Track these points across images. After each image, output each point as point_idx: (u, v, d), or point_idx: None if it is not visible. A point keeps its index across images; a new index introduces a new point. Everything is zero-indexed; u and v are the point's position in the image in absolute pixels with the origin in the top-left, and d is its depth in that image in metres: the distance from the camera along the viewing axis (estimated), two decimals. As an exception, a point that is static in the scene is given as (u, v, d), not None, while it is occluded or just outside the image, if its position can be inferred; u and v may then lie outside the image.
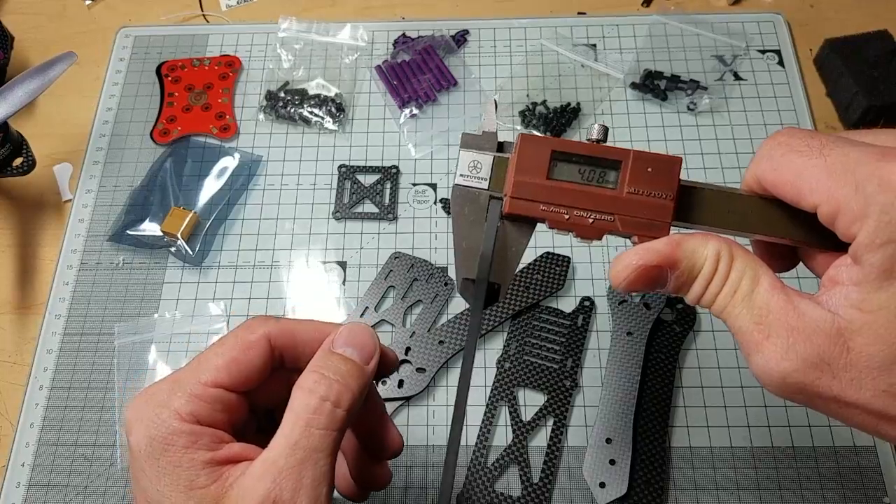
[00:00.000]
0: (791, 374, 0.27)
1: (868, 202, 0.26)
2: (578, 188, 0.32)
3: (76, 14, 0.75)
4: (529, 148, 0.32)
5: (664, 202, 0.31)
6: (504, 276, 0.33)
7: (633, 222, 0.32)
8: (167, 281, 0.59)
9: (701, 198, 0.32)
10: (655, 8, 0.72)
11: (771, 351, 0.27)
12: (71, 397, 0.54)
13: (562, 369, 0.53)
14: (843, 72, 0.63)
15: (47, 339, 0.57)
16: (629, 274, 0.30)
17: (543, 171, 0.32)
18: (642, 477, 0.49)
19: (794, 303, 0.27)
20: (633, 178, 0.32)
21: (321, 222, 0.61)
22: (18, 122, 0.66)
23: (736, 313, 0.29)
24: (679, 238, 0.30)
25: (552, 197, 0.32)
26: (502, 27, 0.70)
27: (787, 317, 0.27)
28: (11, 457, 0.52)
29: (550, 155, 0.32)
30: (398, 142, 0.64)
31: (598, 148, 0.32)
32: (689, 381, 0.53)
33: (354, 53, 0.69)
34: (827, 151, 0.27)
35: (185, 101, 0.67)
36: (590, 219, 0.32)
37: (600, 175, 0.32)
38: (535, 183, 0.32)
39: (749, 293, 0.28)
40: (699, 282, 0.30)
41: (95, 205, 0.63)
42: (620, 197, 0.32)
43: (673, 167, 0.31)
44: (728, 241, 0.30)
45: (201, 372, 0.32)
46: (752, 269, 0.29)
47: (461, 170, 0.34)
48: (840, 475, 0.49)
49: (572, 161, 0.32)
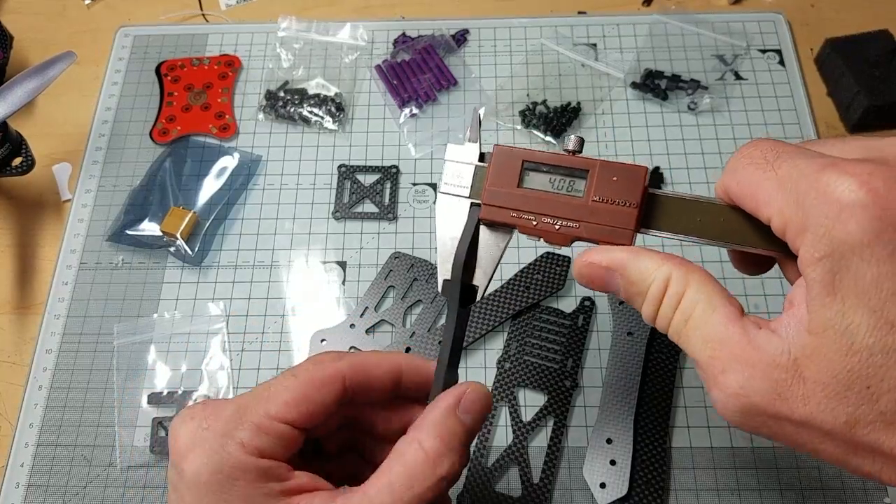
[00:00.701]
0: (748, 410, 0.26)
1: (806, 215, 0.25)
2: (547, 196, 0.34)
3: (75, 13, 0.75)
4: (503, 158, 0.35)
5: (628, 210, 0.32)
6: (482, 278, 0.36)
7: (597, 229, 0.33)
8: (166, 281, 0.59)
9: (667, 206, 0.33)
10: (656, 7, 0.71)
11: (727, 386, 0.26)
12: (70, 397, 0.54)
13: (562, 369, 0.53)
14: (844, 71, 0.62)
15: (46, 339, 0.57)
16: (582, 268, 0.32)
17: (515, 180, 0.34)
18: (643, 477, 0.49)
19: (749, 335, 0.26)
20: (599, 187, 0.33)
21: (321, 222, 0.61)
22: (18, 121, 0.66)
23: (692, 344, 0.28)
24: (638, 250, 0.31)
25: (522, 204, 0.34)
26: (502, 26, 0.70)
27: (743, 350, 0.26)
28: (11, 457, 0.52)
29: (521, 165, 0.34)
30: (398, 141, 0.64)
31: (565, 158, 0.34)
32: (689, 382, 0.53)
33: (354, 53, 0.69)
34: (778, 164, 0.27)
35: (185, 101, 0.67)
36: (556, 225, 0.34)
37: (569, 184, 0.34)
38: (506, 191, 0.34)
39: (702, 324, 0.28)
40: (648, 301, 0.30)
41: (95, 204, 0.62)
42: (586, 205, 0.33)
43: (638, 176, 0.32)
44: (687, 268, 0.29)
45: (270, 404, 0.31)
46: (706, 298, 0.28)
47: (445, 178, 0.36)
48: (841, 475, 0.49)
49: (542, 171, 0.34)
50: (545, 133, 0.63)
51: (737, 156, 0.29)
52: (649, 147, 0.62)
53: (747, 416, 0.26)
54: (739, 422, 0.27)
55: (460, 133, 0.64)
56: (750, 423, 0.27)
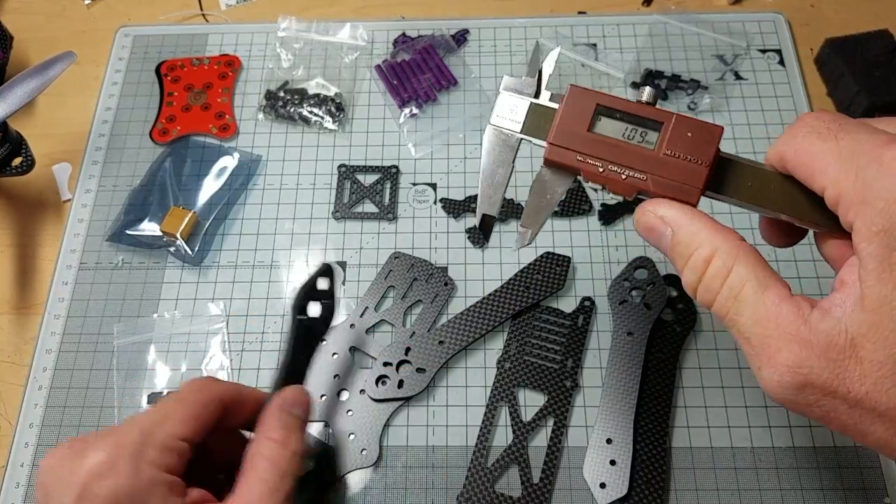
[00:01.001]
0: (803, 388, 0.26)
1: (865, 188, 0.25)
2: (617, 143, 0.33)
3: (75, 13, 0.75)
4: (576, 99, 0.33)
5: (698, 167, 0.31)
6: (535, 223, 0.35)
7: (665, 183, 0.32)
8: (166, 281, 0.59)
9: (735, 170, 0.32)
10: (656, 7, 0.71)
11: (783, 364, 0.26)
12: (70, 398, 0.54)
13: (562, 369, 0.53)
14: (844, 71, 0.62)
15: (46, 339, 0.57)
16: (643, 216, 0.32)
17: (586, 123, 0.33)
18: (643, 477, 0.49)
19: (804, 315, 0.26)
20: (672, 141, 0.32)
21: (321, 222, 0.61)
22: (17, 121, 0.66)
23: (742, 321, 0.28)
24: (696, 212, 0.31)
25: (590, 149, 0.33)
26: (502, 26, 0.70)
27: (798, 330, 0.26)
28: (10, 457, 0.52)
29: (595, 108, 0.33)
30: (398, 141, 0.64)
31: (641, 107, 0.33)
32: (689, 382, 0.53)
33: (354, 53, 0.69)
34: (842, 135, 0.27)
35: (185, 101, 0.67)
36: (623, 175, 0.32)
37: (641, 134, 0.33)
38: (575, 133, 0.33)
39: (753, 302, 0.27)
40: (690, 267, 0.30)
41: (94, 204, 0.62)
42: (656, 157, 0.32)
43: (713, 135, 0.32)
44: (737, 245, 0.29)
45: (170, 425, 0.33)
46: (756, 276, 0.28)
47: (497, 111, 0.35)
48: (841, 475, 0.49)
49: (615, 117, 0.33)
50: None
51: (796, 124, 0.29)
52: (649, 147, 0.62)
53: (801, 395, 0.26)
54: (792, 400, 0.27)
55: (460, 132, 0.64)
56: (802, 402, 0.27)
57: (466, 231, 0.60)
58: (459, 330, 0.54)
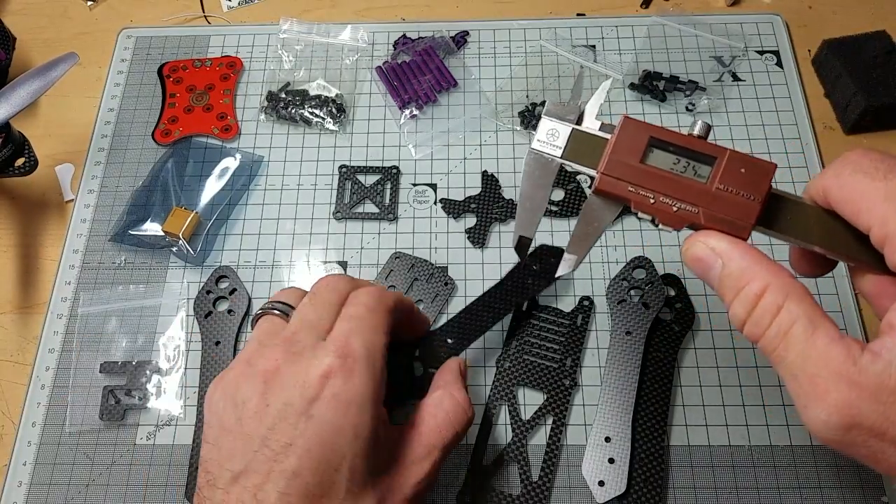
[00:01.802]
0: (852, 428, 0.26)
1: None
2: (669, 176, 0.33)
3: (78, 15, 0.75)
4: (629, 130, 0.34)
5: (751, 203, 0.32)
6: (581, 250, 0.35)
7: (717, 218, 0.32)
8: (168, 280, 0.59)
9: (783, 206, 0.32)
10: (654, 9, 0.72)
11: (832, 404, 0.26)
12: (73, 397, 0.55)
13: (561, 368, 0.53)
14: (842, 72, 0.63)
15: (49, 338, 0.57)
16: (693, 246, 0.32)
17: (638, 155, 0.33)
18: (641, 475, 0.49)
19: (853, 357, 0.27)
20: (726, 175, 0.32)
21: (322, 222, 0.61)
22: (20, 122, 0.66)
23: (790, 359, 0.28)
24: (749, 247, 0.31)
25: (642, 180, 0.33)
26: (502, 28, 0.70)
27: (848, 371, 0.26)
28: (13, 456, 0.53)
29: (648, 140, 0.33)
30: (398, 142, 0.65)
31: (694, 141, 0.33)
32: (687, 380, 0.53)
33: (355, 54, 0.69)
34: (892, 176, 0.27)
35: (187, 102, 0.67)
36: (674, 207, 0.33)
37: (693, 168, 0.33)
38: (628, 164, 0.33)
39: (804, 340, 0.28)
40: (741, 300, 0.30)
41: (97, 205, 0.63)
42: (709, 191, 0.32)
43: (767, 172, 0.32)
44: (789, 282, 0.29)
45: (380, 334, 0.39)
46: (807, 315, 0.28)
47: (539, 135, 0.36)
48: (838, 474, 0.49)
49: (668, 150, 0.33)
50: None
51: (843, 160, 0.30)
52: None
53: (848, 436, 0.26)
54: (838, 440, 0.27)
55: (461, 134, 0.65)
56: (849, 442, 0.27)
57: (466, 231, 0.60)
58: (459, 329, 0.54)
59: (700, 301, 0.55)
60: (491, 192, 0.61)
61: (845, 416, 0.26)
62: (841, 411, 0.26)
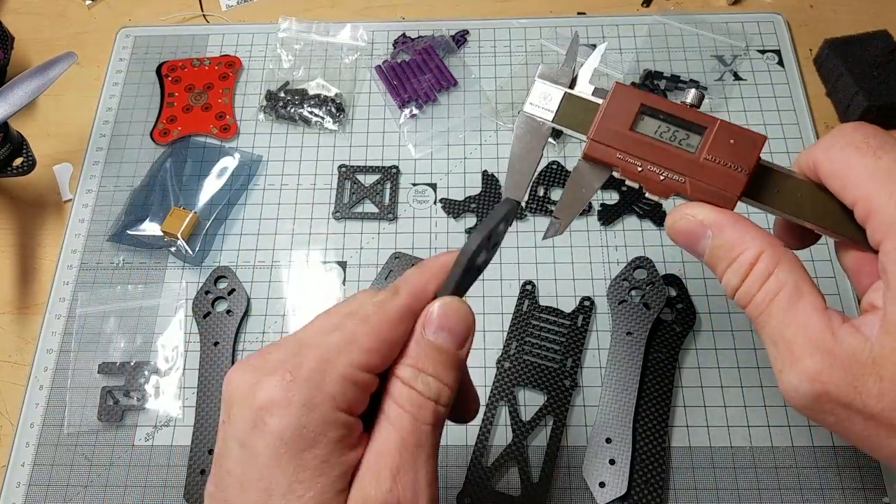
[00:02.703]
0: (821, 396, 0.26)
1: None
2: (658, 144, 0.33)
3: (76, 14, 0.75)
4: (620, 97, 0.33)
5: (738, 175, 0.32)
6: (568, 215, 0.35)
7: (703, 188, 0.32)
8: (167, 281, 0.59)
9: (771, 178, 0.32)
10: (655, 8, 0.72)
11: (805, 371, 0.27)
12: (71, 397, 0.54)
13: (561, 369, 0.53)
14: (843, 72, 0.63)
15: (47, 338, 0.57)
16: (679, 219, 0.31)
17: (628, 122, 0.33)
18: (642, 477, 0.49)
19: (833, 326, 0.27)
20: (714, 146, 0.32)
21: (321, 222, 0.61)
22: (18, 122, 0.66)
23: (772, 324, 0.28)
24: (738, 216, 0.30)
25: (630, 147, 0.33)
26: (502, 27, 0.70)
27: (826, 340, 0.27)
28: (11, 456, 0.52)
29: (639, 107, 0.33)
30: (398, 142, 0.64)
31: (685, 109, 0.33)
32: (688, 381, 0.53)
33: (354, 53, 0.69)
34: (881, 153, 0.27)
35: (186, 101, 0.67)
36: (661, 175, 0.33)
37: (683, 137, 0.33)
38: (617, 131, 0.33)
39: (787, 307, 0.28)
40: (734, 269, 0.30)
41: (95, 205, 0.63)
42: (697, 161, 0.32)
43: (756, 143, 0.32)
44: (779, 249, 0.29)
45: (352, 353, 0.27)
46: (795, 282, 0.28)
47: (532, 98, 0.35)
48: (840, 475, 0.49)
49: (658, 118, 0.33)
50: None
51: (835, 133, 0.29)
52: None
53: (818, 403, 0.27)
54: (809, 407, 0.27)
55: (461, 133, 0.64)
56: (819, 410, 0.27)
57: (466, 231, 0.60)
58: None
59: (701, 301, 0.55)
60: (491, 191, 0.61)
61: (815, 382, 0.26)
62: (812, 378, 0.26)
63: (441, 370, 0.29)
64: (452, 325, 0.29)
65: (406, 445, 0.27)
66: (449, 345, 0.29)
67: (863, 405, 0.26)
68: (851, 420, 0.26)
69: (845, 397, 0.26)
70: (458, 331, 0.29)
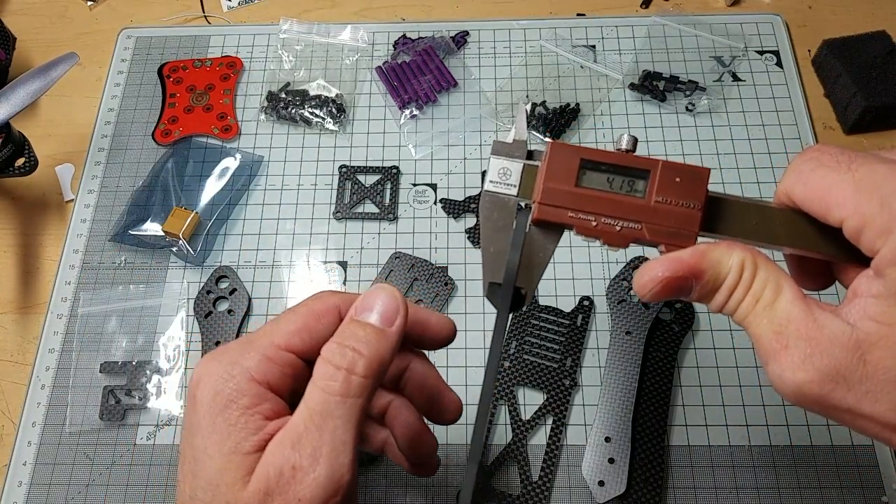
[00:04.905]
0: (807, 384, 0.27)
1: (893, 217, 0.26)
2: (607, 196, 0.32)
3: (78, 15, 0.75)
4: (559, 156, 0.33)
5: (691, 212, 0.32)
6: (530, 282, 0.34)
7: (660, 231, 0.32)
8: (169, 280, 0.59)
9: (728, 209, 0.32)
10: (654, 9, 0.72)
11: (788, 361, 0.27)
12: (73, 396, 0.55)
13: (561, 368, 0.53)
14: (842, 72, 0.63)
15: (49, 338, 0.57)
16: (654, 286, 0.30)
17: (572, 179, 0.32)
18: (641, 475, 0.49)
19: (814, 314, 0.28)
20: (662, 188, 0.32)
21: (322, 222, 0.61)
22: (21, 122, 0.66)
23: (757, 322, 0.29)
24: (704, 248, 0.30)
25: (580, 204, 0.32)
26: (502, 28, 0.70)
27: (807, 327, 0.27)
28: (13, 456, 0.53)
29: (579, 163, 0.32)
30: (398, 142, 0.65)
31: (626, 157, 0.32)
32: (687, 380, 0.53)
33: (355, 54, 0.69)
34: (855, 167, 0.28)
35: (187, 102, 0.67)
36: (617, 226, 0.32)
37: (629, 184, 0.32)
38: (563, 190, 0.32)
39: (771, 302, 0.28)
40: (723, 291, 0.30)
41: (97, 205, 0.63)
42: (648, 206, 0.32)
43: (701, 177, 0.32)
44: (752, 251, 0.30)
45: (275, 335, 0.32)
46: (774, 278, 0.29)
47: (491, 176, 0.34)
48: (838, 474, 0.49)
49: (601, 170, 0.33)
50: (544, 134, 0.63)
51: (800, 159, 0.30)
52: (647, 148, 0.63)
53: (805, 390, 0.27)
54: (793, 394, 0.28)
55: (461, 133, 0.65)
56: (804, 398, 0.28)
57: (466, 231, 0.60)
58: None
59: (700, 301, 0.55)
60: (491, 192, 0.61)
61: (799, 372, 0.27)
62: (797, 366, 0.27)
63: (360, 343, 0.31)
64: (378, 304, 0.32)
65: (312, 416, 0.29)
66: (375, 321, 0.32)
67: (847, 390, 0.26)
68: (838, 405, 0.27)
69: (830, 383, 0.27)
70: (384, 309, 0.32)
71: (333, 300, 0.34)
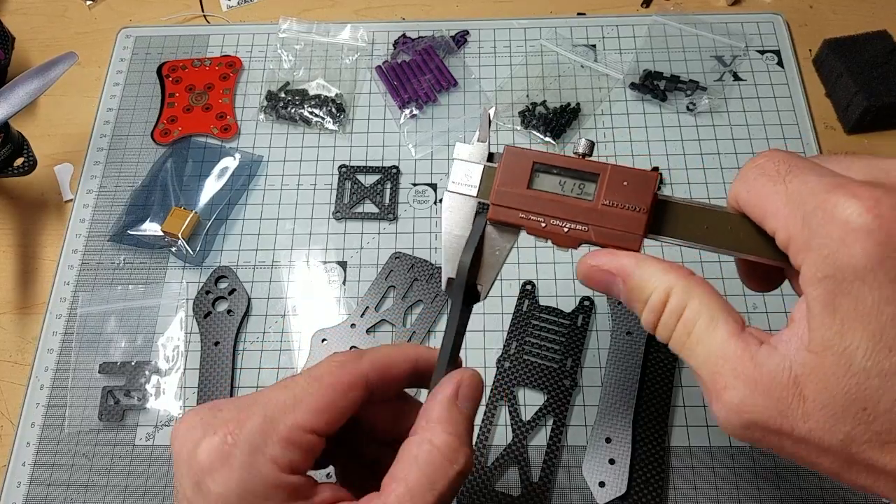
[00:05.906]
0: (749, 425, 0.26)
1: (811, 233, 0.25)
2: (556, 198, 0.34)
3: (77, 14, 0.75)
4: (513, 159, 0.34)
5: (637, 215, 0.32)
6: (486, 279, 0.35)
7: (606, 233, 0.33)
8: (168, 281, 0.59)
9: (678, 212, 0.33)
10: (655, 8, 0.72)
11: (730, 402, 0.26)
12: (72, 397, 0.54)
13: (561, 369, 0.53)
14: (842, 72, 0.63)
15: (48, 338, 0.57)
16: (587, 270, 0.32)
17: (525, 181, 0.34)
18: (642, 476, 0.49)
19: (750, 352, 0.27)
20: (609, 191, 0.33)
21: (321, 222, 0.61)
22: (19, 122, 0.66)
23: (694, 357, 0.28)
24: (643, 258, 0.31)
25: (531, 205, 0.34)
26: (502, 28, 0.70)
27: (744, 367, 0.26)
28: (12, 456, 0.53)
29: (532, 166, 0.34)
30: (398, 142, 0.65)
31: (576, 161, 0.34)
32: (688, 381, 0.53)
33: (355, 54, 0.69)
34: (790, 178, 0.27)
35: (186, 102, 0.67)
36: (565, 228, 0.34)
37: (579, 187, 0.34)
38: (515, 192, 0.34)
39: (705, 338, 0.28)
40: (648, 309, 0.30)
41: (96, 205, 0.63)
42: (596, 208, 0.33)
43: (648, 182, 0.32)
44: (690, 281, 0.29)
45: (298, 414, 0.29)
46: (709, 312, 0.28)
47: (453, 177, 0.36)
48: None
49: (552, 172, 0.34)
50: (545, 134, 0.63)
51: (749, 165, 0.29)
52: (648, 147, 0.62)
53: (748, 431, 0.27)
54: (741, 436, 0.27)
55: (461, 133, 0.64)
56: (751, 438, 0.27)
57: (466, 231, 0.60)
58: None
59: (701, 301, 0.55)
60: (491, 191, 0.61)
61: (742, 414, 0.26)
62: (737, 409, 0.26)
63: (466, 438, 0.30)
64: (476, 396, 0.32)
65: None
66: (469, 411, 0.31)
67: (790, 428, 0.25)
68: (782, 444, 0.26)
69: (772, 423, 0.26)
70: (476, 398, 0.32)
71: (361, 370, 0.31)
